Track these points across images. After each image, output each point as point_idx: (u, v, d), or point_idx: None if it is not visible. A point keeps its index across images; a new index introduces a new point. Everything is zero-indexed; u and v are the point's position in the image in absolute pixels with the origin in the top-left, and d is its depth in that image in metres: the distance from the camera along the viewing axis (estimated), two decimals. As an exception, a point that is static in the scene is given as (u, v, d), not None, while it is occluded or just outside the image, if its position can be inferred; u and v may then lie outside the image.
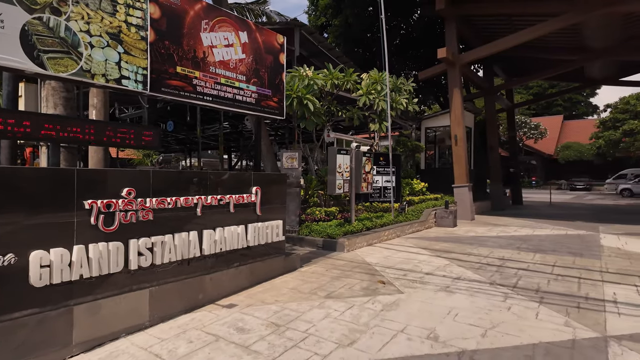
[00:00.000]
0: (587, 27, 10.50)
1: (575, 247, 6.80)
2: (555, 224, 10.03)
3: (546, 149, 36.93)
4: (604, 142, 26.41)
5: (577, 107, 47.69)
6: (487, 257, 5.92)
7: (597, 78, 16.25)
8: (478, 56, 11.72)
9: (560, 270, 5.17)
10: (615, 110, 26.03)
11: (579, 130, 37.86)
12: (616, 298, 3.98)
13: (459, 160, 11.09)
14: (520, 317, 3.44)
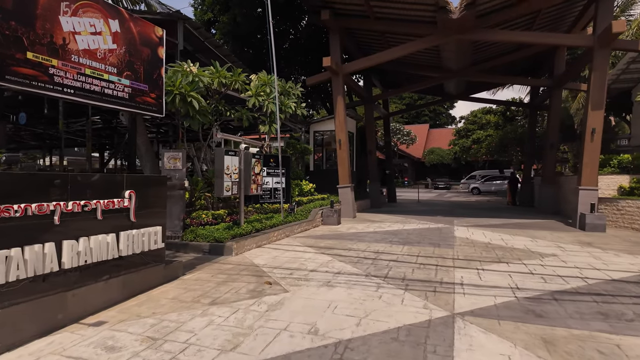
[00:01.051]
0: (446, 50, 12.31)
1: (435, 238, 7.91)
2: (421, 219, 11.50)
3: (416, 153, 42.01)
4: (458, 148, 31.29)
5: (440, 117, 55.38)
6: (364, 252, 6.48)
7: (454, 94, 19.18)
8: (358, 67, 12.73)
9: (423, 259, 5.96)
10: (467, 121, 31.13)
11: (441, 138, 44.06)
12: (463, 281, 4.77)
13: (342, 162, 11.87)
14: (389, 304, 3.88)
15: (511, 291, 4.33)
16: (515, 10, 9.82)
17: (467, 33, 9.84)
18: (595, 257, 6.09)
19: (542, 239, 7.83)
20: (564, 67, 13.22)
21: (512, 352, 2.87)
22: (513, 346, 2.97)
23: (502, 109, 24.97)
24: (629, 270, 5.26)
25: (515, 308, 3.80)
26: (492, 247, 7.01)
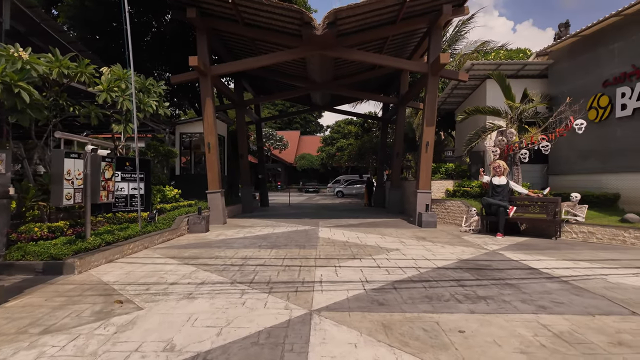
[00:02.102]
0: (311, 63, 13.11)
1: (301, 240, 8.33)
2: (290, 222, 11.95)
3: (288, 158, 43.44)
4: (325, 154, 33.59)
5: (310, 125, 58.52)
6: (232, 258, 6.41)
7: (320, 104, 20.52)
8: (228, 71, 12.56)
9: (289, 261, 6.22)
10: (332, 130, 33.72)
11: (311, 144, 46.58)
12: (322, 278, 5.16)
13: (211, 166, 11.50)
14: (252, 309, 3.94)
15: (361, 284, 4.87)
16: (369, 34, 11.11)
17: (329, 49, 10.69)
18: (427, 249, 7.31)
19: (389, 236, 9.01)
20: (407, 87, 15.52)
21: (358, 340, 3.24)
22: (359, 334, 3.36)
23: (361, 121, 27.78)
24: (449, 259, 6.47)
25: (363, 299, 4.29)
26: (349, 245, 7.75)
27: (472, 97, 14.64)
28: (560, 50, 12.04)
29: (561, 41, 11.75)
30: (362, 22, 10.43)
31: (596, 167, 10.59)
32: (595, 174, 10.61)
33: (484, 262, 6.26)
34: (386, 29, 11.05)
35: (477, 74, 13.04)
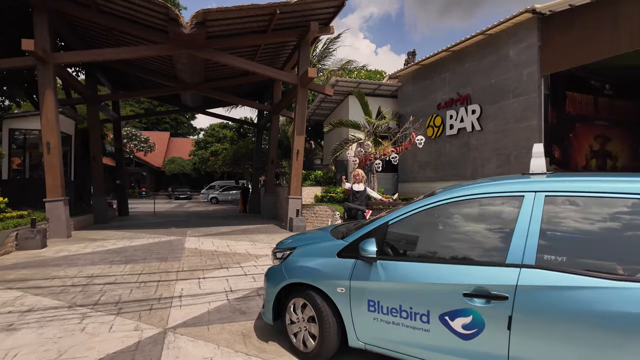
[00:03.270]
0: (179, 62, 12.37)
1: (163, 252, 7.72)
2: (153, 232, 10.98)
3: (155, 161, 39.84)
4: (198, 159, 31.93)
5: (182, 126, 54.90)
6: (74, 278, 5.55)
7: (191, 106, 19.48)
8: (77, 60, 10.97)
9: (145, 277, 5.70)
10: (206, 134, 32.28)
11: (182, 147, 43.68)
12: (182, 293, 4.88)
13: (52, 170, 9.77)
14: (94, 334, 3.48)
15: (225, 295, 4.78)
16: (241, 40, 11.06)
17: (197, 50, 10.26)
18: (294, 254, 7.60)
19: (260, 242, 9.07)
20: (280, 96, 15.96)
21: (214, 353, 3.16)
22: (217, 347, 3.28)
23: (237, 126, 27.38)
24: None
25: (225, 310, 4.21)
26: (217, 254, 7.52)
27: (338, 111, 15.88)
28: (407, 75, 14.03)
29: (407, 67, 13.71)
30: (233, 27, 10.32)
31: (432, 175, 12.63)
32: (432, 182, 12.65)
33: (343, 262, 6.82)
34: (258, 37, 11.17)
35: (341, 90, 14.20)
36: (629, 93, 10.65)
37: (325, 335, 2.96)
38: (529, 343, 2.15)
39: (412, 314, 2.60)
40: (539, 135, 9.01)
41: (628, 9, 7.41)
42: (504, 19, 9.56)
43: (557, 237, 2.29)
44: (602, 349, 1.93)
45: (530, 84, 9.23)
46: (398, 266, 2.71)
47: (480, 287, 2.32)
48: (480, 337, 2.32)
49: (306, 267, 3.17)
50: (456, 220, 2.77)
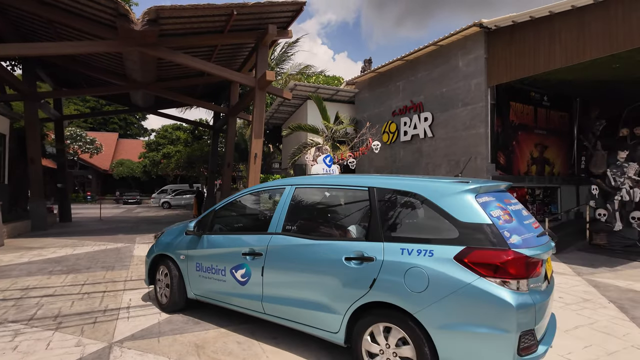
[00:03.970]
0: (129, 59, 11.76)
1: (110, 261, 7.26)
2: (99, 239, 10.31)
3: (102, 164, 37.55)
4: (149, 161, 30.49)
5: (132, 127, 52.22)
6: (5, 291, 5.07)
7: (141, 106, 18.57)
8: (12, 53, 10.15)
9: (89, 287, 5.33)
10: (158, 135, 30.89)
11: (132, 149, 41.53)
12: (130, 303, 4.61)
13: (-19, 173, 8.88)
14: (28, 353, 3.18)
15: (177, 304, 4.58)
16: (197, 40, 10.73)
17: (150, 48, 9.81)
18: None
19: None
20: (237, 98, 15.67)
21: (164, 366, 3.01)
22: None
23: (191, 128, 26.49)
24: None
25: (177, 321, 4.03)
26: (169, 262, 7.19)
27: (296, 114, 15.87)
28: (363, 82, 14.34)
29: (364, 74, 14.02)
30: (188, 25, 9.99)
31: (389, 180, 12.97)
32: (388, 186, 12.98)
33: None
34: (214, 37, 10.89)
35: (299, 94, 14.21)
36: (563, 105, 11.62)
37: (173, 291, 4.21)
38: (272, 282, 3.39)
39: (217, 270, 3.84)
40: (486, 142, 9.56)
41: (561, 29, 8.09)
42: (454, 32, 10.06)
43: (294, 214, 3.49)
44: (311, 279, 3.15)
45: (478, 93, 9.78)
46: (213, 238, 3.98)
47: (250, 249, 3.56)
48: (249, 282, 3.55)
49: (165, 243, 4.48)
50: (249, 205, 4.31)
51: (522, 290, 2.43)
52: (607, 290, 5.39)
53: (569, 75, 9.22)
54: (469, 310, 2.44)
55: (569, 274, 6.40)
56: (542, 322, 2.59)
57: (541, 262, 2.63)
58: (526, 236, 2.65)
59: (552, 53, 8.26)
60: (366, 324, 2.79)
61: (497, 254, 2.43)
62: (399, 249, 2.73)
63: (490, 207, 2.67)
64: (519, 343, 2.36)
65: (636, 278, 6.16)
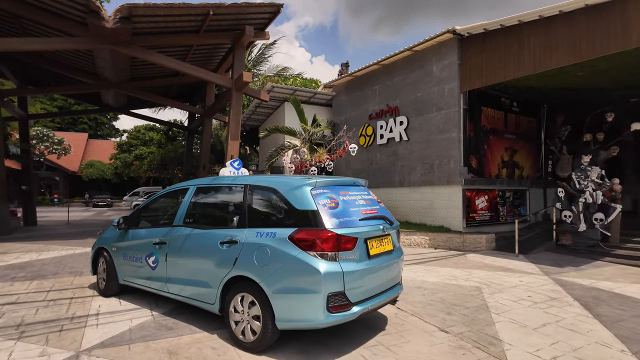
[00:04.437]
0: (101, 57, 11.39)
1: (78, 266, 6.98)
2: (67, 244, 9.90)
3: (70, 165, 36.08)
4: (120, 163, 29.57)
5: (102, 128, 50.49)
6: (-37, 300, 4.78)
7: (113, 105, 18.00)
8: (-27, 48, 9.52)
9: (55, 294, 5.10)
10: (130, 136, 30.04)
11: (102, 150, 40.15)
12: (100, 310, 4.44)
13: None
14: (-13, 365, 3.01)
15: (149, 310, 4.45)
16: (172, 39, 10.52)
17: (122, 46, 9.53)
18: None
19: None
20: (213, 99, 15.44)
21: (136, 374, 2.91)
22: (139, 367, 3.03)
23: (165, 128, 25.90)
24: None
25: (149, 327, 3.92)
26: (141, 266, 6.98)
27: (274, 117, 15.80)
28: (340, 85, 14.44)
29: (341, 78, 14.12)
30: (163, 24, 9.78)
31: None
32: (365, 188, 13.10)
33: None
34: (190, 37, 10.71)
35: (277, 96, 14.16)
36: (531, 111, 12.08)
37: (108, 278, 4.98)
38: (172, 266, 4.14)
39: (137, 258, 4.61)
40: (459, 146, 9.81)
41: (530, 38, 8.43)
42: (428, 37, 10.29)
43: (193, 209, 4.28)
44: (198, 262, 3.90)
45: (451, 98, 10.04)
46: (135, 232, 4.80)
47: (159, 239, 4.33)
48: (158, 267, 4.31)
49: (104, 237, 5.29)
50: (164, 203, 4.92)
51: (332, 261, 3.16)
52: (572, 289, 5.63)
53: (537, 82, 9.60)
54: (293, 277, 3.17)
55: (538, 274, 6.64)
56: (362, 287, 3.34)
57: (355, 240, 3.33)
58: (345, 219, 3.40)
59: (521, 60, 8.58)
60: (232, 294, 3.52)
61: (315, 233, 3.19)
62: (255, 233, 3.48)
63: (320, 198, 3.43)
64: (328, 302, 3.08)
65: (599, 277, 6.46)
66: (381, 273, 3.60)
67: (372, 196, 4.08)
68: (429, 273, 6.64)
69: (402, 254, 4.07)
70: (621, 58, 7.47)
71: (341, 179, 3.91)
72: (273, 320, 3.21)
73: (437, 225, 10.30)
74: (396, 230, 4.03)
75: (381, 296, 3.58)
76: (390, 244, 3.82)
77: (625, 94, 10.08)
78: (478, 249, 9.09)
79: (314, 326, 3.18)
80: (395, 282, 3.89)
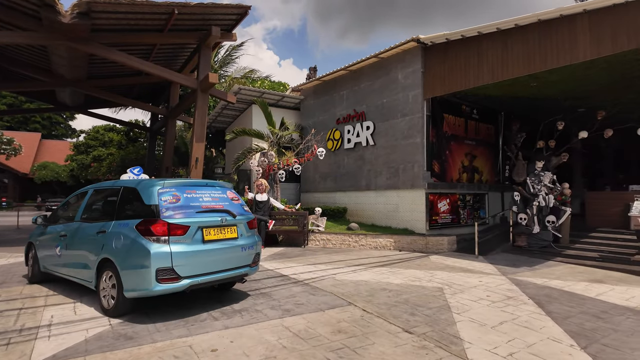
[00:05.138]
0: (56, 54, 10.80)
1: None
2: (16, 250, 9.26)
3: (21, 167, 33.80)
4: (77, 165, 28.05)
5: (57, 127, 47.75)
6: None
7: (69, 104, 17.07)
8: None
9: (3, 305, 4.77)
10: (88, 137, 28.58)
11: (57, 151, 37.95)
12: (52, 320, 4.19)
13: None
14: None
15: (107, 319, 4.25)
16: (134, 37, 10.16)
17: (80, 43, 9.09)
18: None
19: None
20: (178, 100, 15.03)
21: (92, 388, 2.78)
22: (95, 380, 2.89)
23: (126, 129, 24.90)
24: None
25: (107, 337, 3.74)
26: (99, 274, 6.66)
27: (241, 119, 15.61)
28: (308, 89, 14.51)
29: (309, 82, 14.20)
30: (125, 22, 9.42)
31: (332, 186, 13.21)
32: (331, 192, 13.21)
33: (243, 275, 6.65)
34: (154, 36, 10.39)
35: (244, 98, 14.00)
36: (490, 118, 12.68)
37: (33, 268, 5.91)
38: (69, 254, 5.09)
39: (50, 248, 5.51)
40: (422, 151, 10.12)
41: (488, 49, 8.87)
42: (394, 45, 10.58)
43: (89, 207, 5.32)
44: (84, 249, 4.86)
45: (415, 105, 10.35)
46: (52, 227, 5.71)
47: (64, 232, 5.28)
48: (62, 255, 5.22)
49: (33, 233, 6.21)
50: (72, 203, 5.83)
51: (164, 244, 4.12)
52: (527, 288, 5.94)
53: (495, 91, 10.09)
54: (133, 256, 4.14)
55: (496, 274, 6.96)
56: (192, 265, 4.24)
57: (186, 227, 4.28)
58: (181, 212, 4.36)
59: (480, 70, 9.00)
60: (101, 273, 4.49)
61: (151, 221, 4.19)
62: (118, 224, 4.47)
63: (164, 195, 4.38)
64: (157, 275, 4.01)
65: (550, 276, 6.87)
66: (217, 255, 4.49)
67: (227, 195, 5.05)
68: (394, 275, 6.79)
69: (253, 242, 4.99)
70: (569, 71, 8.02)
71: (193, 181, 5.01)
72: (122, 291, 4.16)
73: (402, 227, 10.55)
74: (245, 223, 4.94)
75: (218, 274, 4.48)
76: (234, 233, 4.74)
77: (574, 104, 10.81)
78: (440, 250, 9.39)
79: (148, 294, 4.08)
80: (239, 264, 4.75)
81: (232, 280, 4.96)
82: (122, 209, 4.62)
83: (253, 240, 4.98)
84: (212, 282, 4.45)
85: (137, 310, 4.50)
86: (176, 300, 4.97)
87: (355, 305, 4.92)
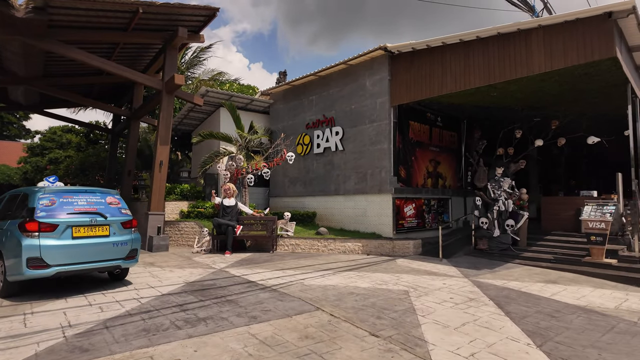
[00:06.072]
0: (8, 50, 10.18)
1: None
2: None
3: (-34, 169, 31.36)
4: (31, 167, 26.38)
5: (9, 128, 44.74)
6: None
7: (23, 103, 16.11)
8: None
9: (-59, 320, 4.38)
10: (44, 138, 26.98)
11: (9, 153, 35.56)
12: (-1, 334, 3.91)
13: None
14: None
15: (61, 331, 4.02)
16: (95, 35, 9.78)
17: (36, 39, 8.63)
18: (154, 276, 6.90)
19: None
20: (142, 101, 14.55)
21: (42, 406, 2.60)
22: (46, 397, 2.71)
23: (85, 131, 23.76)
24: (176, 283, 6.34)
25: (60, 350, 3.54)
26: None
27: (208, 122, 15.31)
28: (278, 93, 14.48)
29: (279, 86, 14.16)
30: (85, 19, 9.05)
31: (301, 191, 13.21)
32: (301, 197, 13.20)
33: (209, 281, 6.50)
34: (117, 34, 10.04)
35: (212, 101, 13.75)
36: (453, 126, 13.17)
37: None
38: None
39: None
40: (389, 157, 10.34)
41: (452, 59, 9.22)
42: (362, 53, 10.77)
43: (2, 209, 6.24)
44: None
45: (383, 112, 10.57)
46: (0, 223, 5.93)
47: None
48: None
49: None
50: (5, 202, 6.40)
51: (34, 238, 5.04)
52: (487, 289, 6.18)
53: (457, 100, 10.49)
54: (12, 248, 5.12)
55: (459, 277, 7.19)
56: (61, 256, 5.19)
57: (55, 226, 5.20)
58: (53, 213, 5.29)
59: (444, 79, 9.33)
60: None
61: (27, 220, 5.15)
62: (11, 222, 5.42)
63: (43, 200, 5.35)
64: (27, 263, 4.96)
65: (509, 277, 7.18)
66: (85, 249, 5.39)
67: (105, 200, 5.91)
68: (362, 279, 6.86)
69: (128, 239, 5.89)
70: (525, 82, 8.48)
71: (74, 188, 6.01)
72: (5, 275, 5.19)
73: (370, 232, 10.70)
74: (119, 223, 5.82)
75: (85, 264, 5.40)
76: (105, 231, 5.66)
77: (531, 114, 11.43)
78: (406, 254, 9.60)
79: (21, 277, 5.03)
80: (110, 257, 5.66)
81: (104, 270, 5.95)
82: (17, 210, 5.59)
83: (128, 238, 5.90)
84: (80, 270, 5.42)
85: (95, 321, 4.28)
86: (137, 307, 4.78)
87: (323, 310, 4.93)
